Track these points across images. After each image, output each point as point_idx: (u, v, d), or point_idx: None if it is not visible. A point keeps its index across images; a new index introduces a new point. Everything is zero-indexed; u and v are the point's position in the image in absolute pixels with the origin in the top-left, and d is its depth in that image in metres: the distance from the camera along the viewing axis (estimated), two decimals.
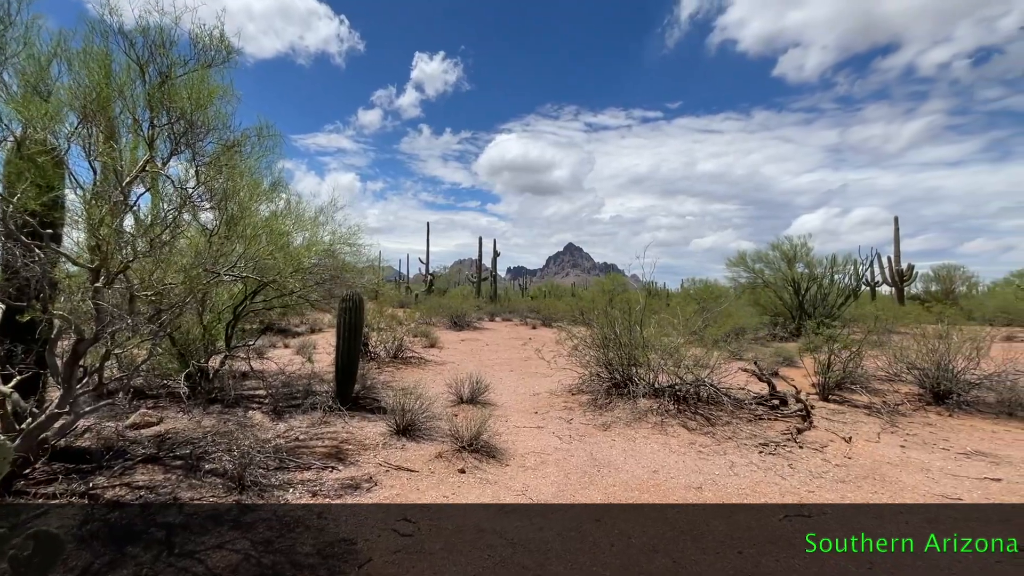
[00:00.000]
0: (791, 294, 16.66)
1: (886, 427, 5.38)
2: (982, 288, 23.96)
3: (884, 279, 25.33)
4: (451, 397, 6.24)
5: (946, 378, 6.38)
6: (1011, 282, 21.42)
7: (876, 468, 4.13)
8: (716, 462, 4.21)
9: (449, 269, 44.44)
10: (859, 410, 6.09)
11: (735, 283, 19.11)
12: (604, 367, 6.75)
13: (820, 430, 5.20)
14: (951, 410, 6.08)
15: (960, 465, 4.22)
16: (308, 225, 6.05)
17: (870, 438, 4.99)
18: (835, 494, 3.56)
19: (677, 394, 5.88)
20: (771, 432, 5.06)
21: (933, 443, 4.85)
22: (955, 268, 25.29)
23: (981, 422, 5.64)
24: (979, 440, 4.95)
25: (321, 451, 4.28)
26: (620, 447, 4.61)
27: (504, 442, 4.62)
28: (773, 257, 17.51)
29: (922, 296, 24.65)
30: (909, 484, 3.78)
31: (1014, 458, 4.38)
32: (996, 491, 3.65)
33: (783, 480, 3.81)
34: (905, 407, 6.23)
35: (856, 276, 20.31)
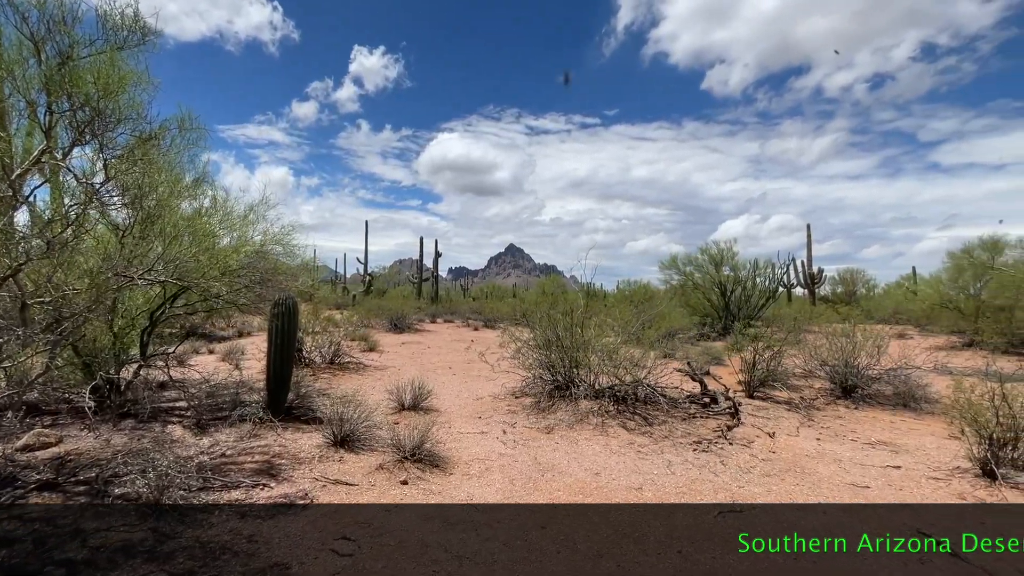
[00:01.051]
0: (718, 296, 17.67)
1: (804, 421, 5.82)
2: (878, 290, 26.60)
3: (798, 282, 27.49)
4: (392, 404, 6.06)
5: (852, 374, 7.01)
6: (901, 285, 23.94)
7: (796, 461, 4.44)
8: (654, 461, 4.36)
9: (389, 269, 43.29)
10: (780, 406, 6.55)
11: (667, 285, 19.99)
12: (547, 369, 6.81)
13: (748, 426, 5.53)
14: (857, 403, 6.68)
15: (867, 455, 4.64)
16: (237, 224, 5.66)
17: (791, 432, 5.37)
18: (762, 488, 3.80)
19: (617, 395, 6.05)
20: (704, 430, 5.32)
21: (843, 435, 5.30)
22: (856, 272, 27.95)
23: (882, 413, 6.24)
24: (881, 430, 5.47)
25: (251, 467, 4.00)
26: (563, 450, 4.67)
27: (448, 450, 4.54)
28: (702, 260, 18.50)
29: (829, 297, 27.00)
30: (825, 475, 4.10)
31: (910, 446, 4.88)
32: (897, 478, 4.04)
33: (716, 477, 4.01)
34: (819, 402, 6.77)
35: (775, 279, 21.90)
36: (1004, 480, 3.80)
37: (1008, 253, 12.99)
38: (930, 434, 5.25)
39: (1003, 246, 13.11)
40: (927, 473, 4.11)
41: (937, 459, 4.45)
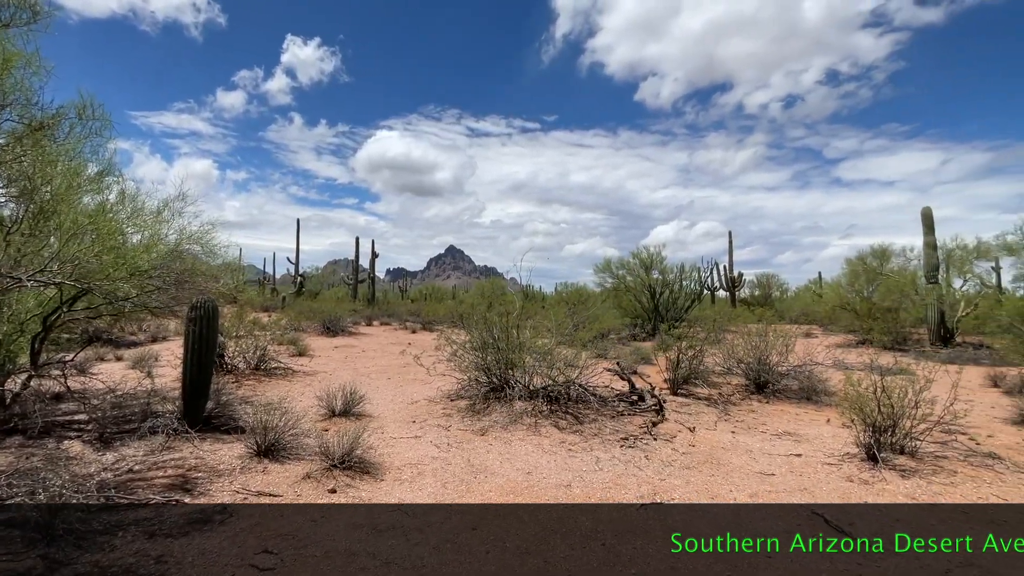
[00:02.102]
0: (648, 298, 18.52)
1: (721, 416, 6.25)
2: (790, 293, 28.98)
3: (721, 285, 29.37)
4: (322, 410, 5.86)
5: (764, 371, 7.61)
6: (809, 288, 26.25)
7: (713, 453, 4.77)
8: (584, 459, 4.52)
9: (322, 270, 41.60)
10: (701, 402, 6.99)
11: (602, 287, 20.70)
12: (483, 371, 6.86)
13: (671, 422, 5.85)
14: (768, 398, 7.26)
15: (773, 445, 5.06)
16: (148, 221, 5.24)
17: (709, 427, 5.75)
18: (681, 480, 4.05)
19: (550, 395, 6.20)
20: (631, 427, 5.58)
21: (755, 427, 5.75)
22: (771, 276, 30.29)
23: (789, 406, 6.82)
24: (787, 422, 5.99)
25: (163, 482, 3.73)
26: (497, 451, 4.73)
27: (380, 455, 4.46)
28: (633, 264, 19.32)
29: (748, 300, 29.06)
30: (737, 465, 4.44)
31: (810, 435, 5.38)
32: (798, 465, 4.44)
33: (640, 471, 4.23)
34: (735, 397, 7.29)
35: (700, 282, 23.26)
36: (884, 463, 4.30)
37: (894, 260, 14.63)
38: (827, 424, 5.81)
39: (890, 254, 14.75)
40: (823, 459, 4.56)
41: (832, 446, 4.94)
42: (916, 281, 13.72)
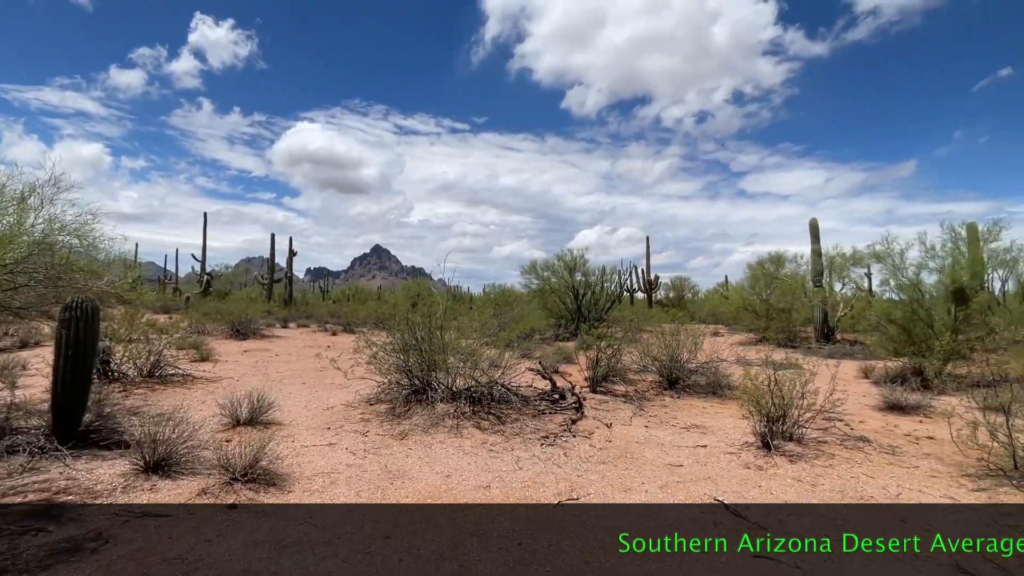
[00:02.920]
0: (572, 299, 19.05)
1: (637, 411, 6.54)
2: (700, 295, 31.14)
3: (639, 287, 30.91)
4: (224, 420, 5.41)
5: (676, 367, 8.09)
6: (717, 291, 28.37)
7: (628, 447, 4.97)
8: (504, 459, 4.53)
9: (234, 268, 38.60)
10: (619, 399, 7.28)
11: (528, 288, 21.03)
12: (404, 374, 6.68)
13: (590, 419, 6.03)
14: (679, 393, 7.72)
15: (683, 437, 5.38)
16: (10, 208, 4.56)
17: (625, 422, 5.99)
18: (597, 475, 4.17)
19: (473, 396, 6.16)
20: (552, 425, 5.68)
21: (667, 421, 6.07)
22: (684, 279, 32.39)
23: (697, 401, 7.29)
24: (695, 415, 6.39)
25: (21, 509, 3.24)
26: (416, 455, 4.61)
27: (288, 466, 4.18)
28: (558, 266, 19.80)
29: (663, 301, 30.83)
30: (649, 458, 4.66)
31: (715, 427, 5.77)
32: (703, 455, 4.75)
33: (559, 468, 4.31)
34: (650, 393, 7.67)
35: (620, 284, 24.29)
36: (776, 449, 4.71)
37: (787, 266, 16.18)
38: (729, 416, 6.27)
39: (784, 260, 16.30)
40: (725, 449, 4.90)
41: (733, 436, 5.33)
42: (805, 284, 15.30)
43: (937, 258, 9.54)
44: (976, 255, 9.35)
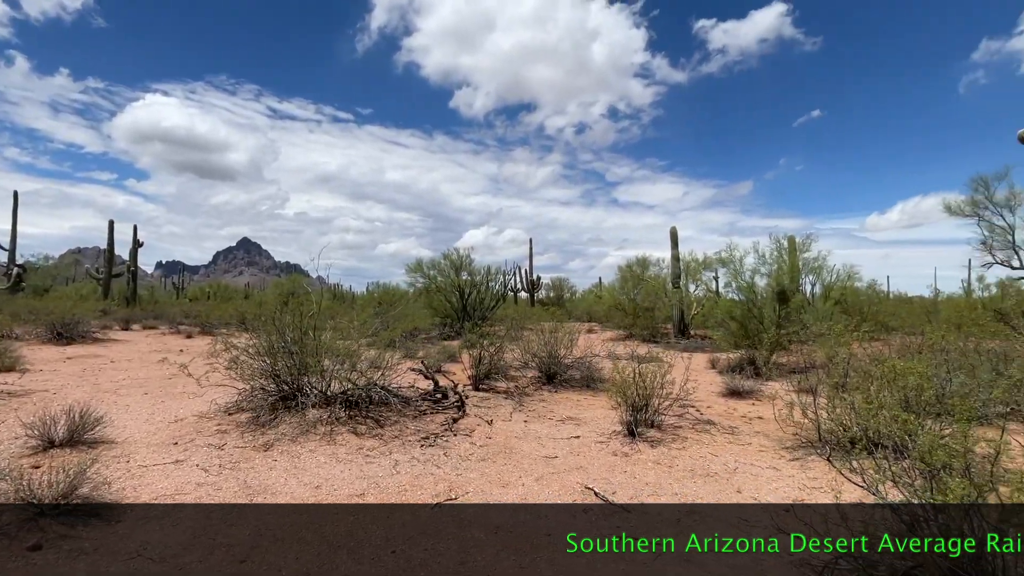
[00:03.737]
0: (458, 298, 19.05)
1: (517, 407, 6.71)
2: (577, 295, 33.13)
3: (522, 287, 31.95)
4: (33, 442, 4.45)
5: (554, 363, 8.47)
6: (592, 291, 30.42)
7: (507, 443, 5.08)
8: (381, 464, 4.35)
9: (59, 260, 32.24)
10: (500, 395, 7.41)
11: (414, 287, 20.60)
12: (271, 378, 6.10)
13: (472, 417, 6.05)
14: (556, 387, 8.09)
15: (558, 430, 5.64)
16: None
17: (505, 418, 6.12)
18: (477, 473, 4.19)
19: (349, 400, 5.83)
20: (433, 425, 5.59)
21: (544, 415, 6.32)
22: (564, 280, 34.20)
23: (573, 394, 7.70)
24: (570, 408, 6.74)
25: None
26: (282, 467, 4.22)
27: (120, 491, 3.57)
28: (444, 266, 19.67)
29: (544, 300, 32.23)
30: (527, 452, 4.80)
31: (588, 419, 6.14)
32: (577, 446, 5.02)
33: (438, 469, 4.25)
34: (529, 389, 7.93)
35: (504, 284, 24.84)
36: (639, 436, 5.15)
37: (652, 269, 17.88)
38: (601, 407, 6.72)
39: (649, 264, 17.99)
40: (595, 439, 5.24)
41: (603, 427, 5.72)
42: (665, 286, 17.07)
43: (767, 264, 11.27)
44: (794, 263, 11.19)
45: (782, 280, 10.80)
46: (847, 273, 11.79)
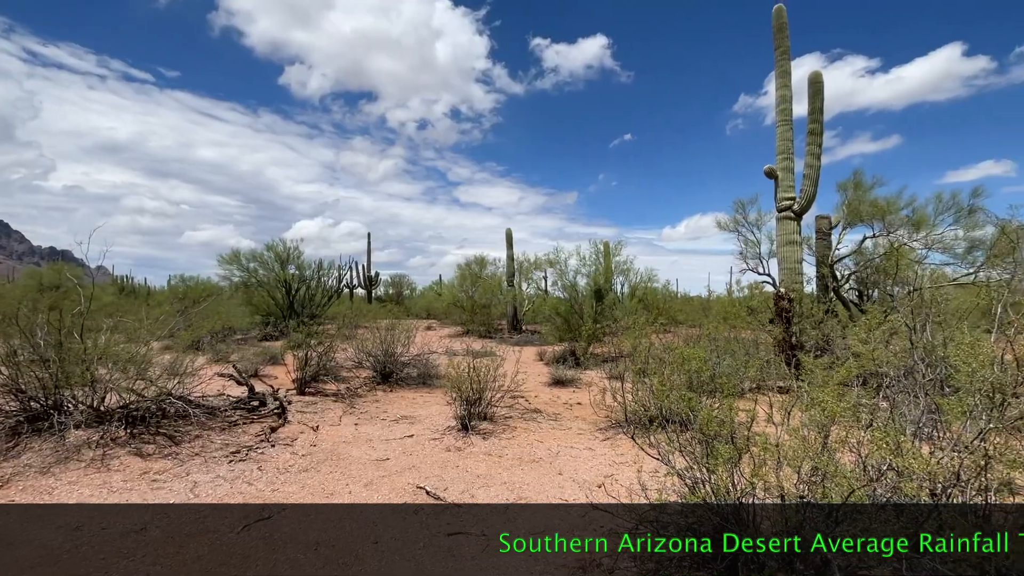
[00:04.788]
0: (284, 294, 17.27)
1: (348, 409, 6.31)
2: (418, 292, 32.76)
3: (359, 283, 30.41)
4: None
5: (390, 361, 8.20)
6: (432, 288, 30.38)
7: (335, 449, 4.72)
8: (175, 488, 3.66)
9: None
10: (329, 398, 6.89)
11: (230, 281, 18.08)
12: (12, 395, 4.72)
13: (294, 424, 5.50)
14: (392, 386, 7.84)
15: (392, 430, 5.44)
16: None
17: (334, 423, 5.70)
18: (297, 485, 3.80)
19: (132, 415, 4.81)
20: (245, 437, 4.93)
21: (377, 416, 6.05)
22: (404, 277, 33.50)
23: (409, 392, 7.54)
24: (406, 407, 6.58)
25: None
26: (19, 510, 3.27)
27: None
28: (267, 258, 17.64)
29: (383, 297, 31.17)
30: (357, 456, 4.53)
31: (423, 416, 6.06)
32: (410, 445, 4.90)
33: (249, 486, 3.74)
34: (363, 389, 7.54)
35: (339, 279, 23.34)
36: (472, 430, 5.26)
37: (489, 268, 18.55)
38: (436, 404, 6.70)
39: (486, 263, 18.62)
40: (430, 436, 5.19)
41: (438, 423, 5.70)
42: (501, 284, 17.86)
43: (587, 266, 12.54)
44: (608, 265, 12.67)
45: (599, 280, 12.14)
46: (648, 275, 13.77)
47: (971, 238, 9.77)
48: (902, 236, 10.32)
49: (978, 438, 2.07)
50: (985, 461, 1.95)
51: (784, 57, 9.18)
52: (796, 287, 8.68)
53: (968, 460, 2.14)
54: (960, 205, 9.88)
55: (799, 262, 8.94)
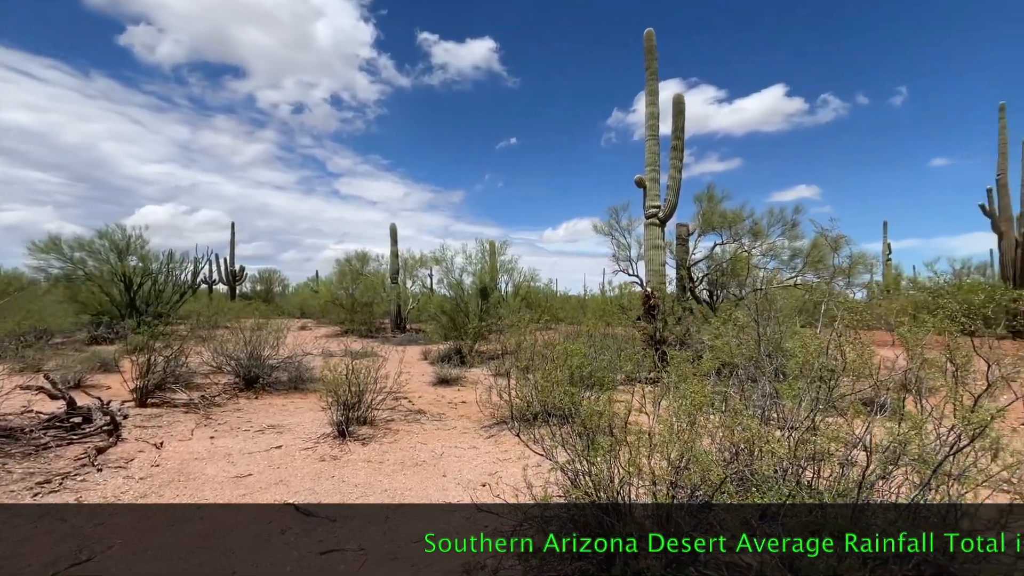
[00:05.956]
0: (122, 290, 14.80)
1: (202, 421, 5.54)
2: (291, 289, 30.28)
3: (220, 278, 27.23)
4: None
5: (256, 365, 7.40)
6: (308, 285, 28.27)
7: (184, 467, 4.10)
8: None
9: None
10: (179, 410, 6.00)
11: (47, 275, 15.01)
12: None
13: (131, 442, 4.68)
14: (257, 392, 7.08)
15: (256, 442, 4.88)
16: None
17: (184, 437, 4.96)
18: (130, 516, 3.20)
19: None
20: (61, 462, 4.06)
21: (239, 427, 5.40)
22: (275, 272, 30.73)
23: (277, 399, 6.86)
24: (273, 415, 5.96)
25: None
26: None
27: None
28: (100, 247, 14.97)
29: (250, 294, 28.29)
30: (212, 474, 3.97)
31: (293, 424, 5.54)
32: (277, 457, 4.44)
33: (63, 523, 3.07)
34: (222, 397, 6.69)
35: (195, 274, 20.66)
36: (351, 436, 4.92)
37: (371, 264, 17.74)
38: (310, 410, 6.18)
39: (369, 259, 17.79)
40: (301, 446, 4.75)
41: (311, 431, 5.25)
42: (384, 281, 17.18)
43: (473, 264, 12.57)
44: (494, 264, 12.84)
45: (484, 279, 12.25)
46: (531, 275, 14.24)
47: (793, 247, 11.64)
48: (745, 244, 11.93)
49: (809, 417, 2.40)
50: (812, 436, 2.27)
51: (653, 78, 10.05)
52: (660, 287, 9.56)
53: (797, 436, 2.49)
54: (786, 219, 11.72)
55: (663, 264, 9.86)
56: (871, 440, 2.42)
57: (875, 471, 2.32)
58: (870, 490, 2.31)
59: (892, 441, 2.23)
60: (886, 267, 22.55)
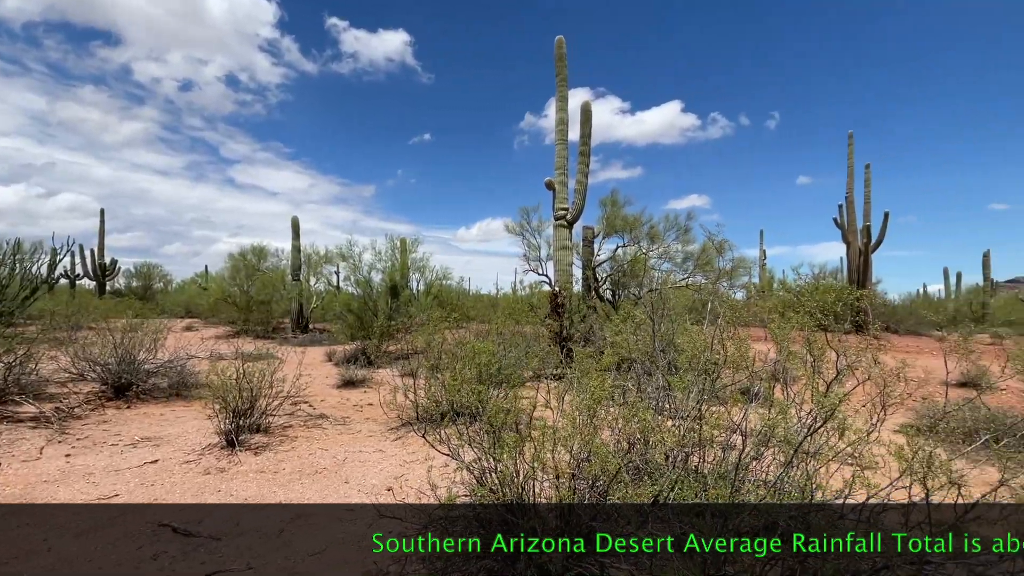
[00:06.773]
0: None
1: (54, 437, 4.79)
2: (175, 286, 27.26)
3: (86, 272, 23.85)
4: None
5: (128, 371, 6.55)
6: (195, 281, 25.61)
7: (28, 493, 3.51)
8: None
9: None
10: (24, 425, 5.14)
11: None
12: None
13: None
14: (130, 401, 6.27)
15: (126, 458, 4.32)
16: None
17: (31, 457, 4.25)
18: None
19: None
20: None
21: (104, 442, 4.74)
22: (155, 266, 27.45)
23: (155, 407, 6.13)
24: (149, 426, 5.32)
25: None
26: None
27: None
28: None
29: (124, 290, 25.05)
30: (64, 498, 3.44)
31: (173, 435, 4.98)
32: (152, 473, 3.96)
33: None
34: (83, 408, 5.84)
35: (52, 267, 17.82)
36: (241, 445, 4.53)
37: (270, 259, 16.49)
38: (194, 418, 5.59)
39: (267, 253, 16.51)
40: (182, 459, 4.28)
41: (195, 441, 4.75)
42: (284, 278, 16.05)
43: (382, 261, 12.17)
44: (404, 261, 12.53)
45: (394, 276, 11.90)
46: (443, 273, 14.07)
47: (686, 251, 12.67)
48: (643, 247, 12.75)
49: (696, 407, 2.62)
50: (699, 424, 2.48)
51: (563, 84, 10.40)
52: (568, 287, 9.93)
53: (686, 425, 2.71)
54: (680, 225, 12.72)
55: (570, 265, 10.25)
56: (747, 426, 2.69)
57: (749, 453, 2.59)
58: (746, 470, 2.58)
59: (764, 426, 2.50)
60: (762, 270, 25.40)
